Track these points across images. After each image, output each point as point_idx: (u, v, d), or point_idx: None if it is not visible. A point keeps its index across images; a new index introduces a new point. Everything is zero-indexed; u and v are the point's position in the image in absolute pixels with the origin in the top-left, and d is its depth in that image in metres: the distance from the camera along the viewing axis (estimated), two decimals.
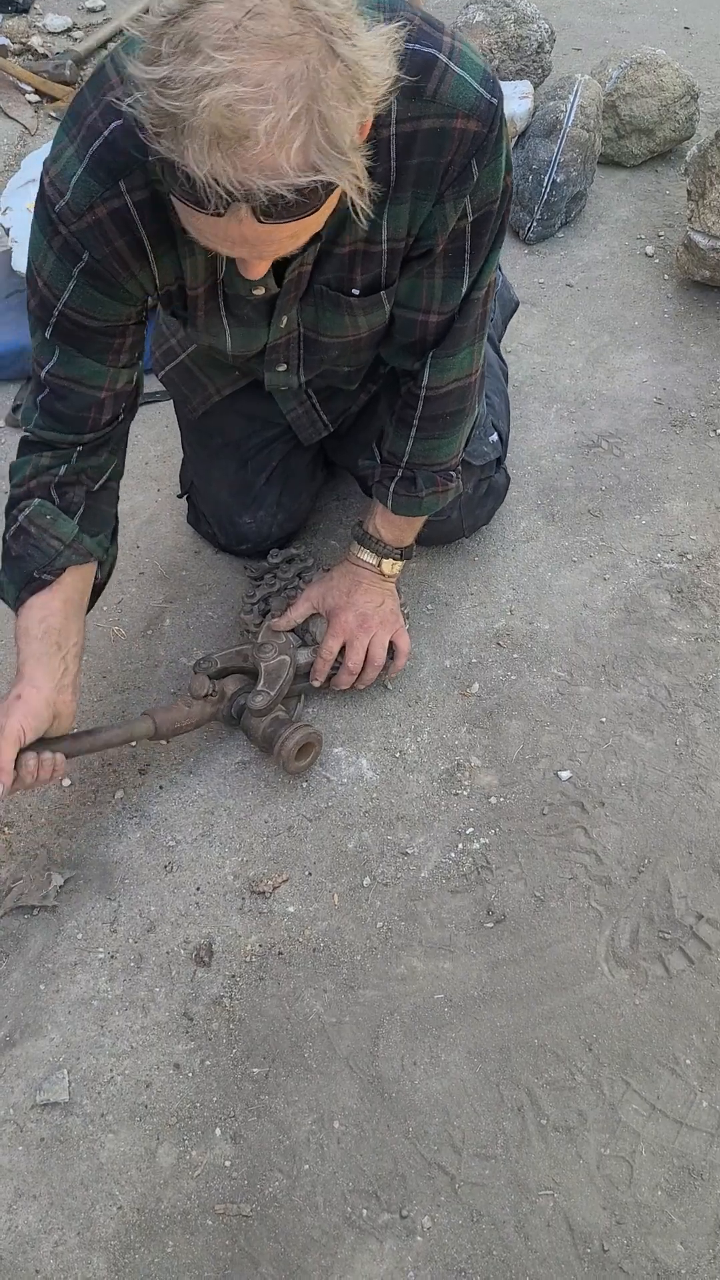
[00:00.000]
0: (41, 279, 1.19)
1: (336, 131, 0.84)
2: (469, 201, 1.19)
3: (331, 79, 0.82)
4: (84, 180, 1.09)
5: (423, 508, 1.56)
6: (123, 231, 1.13)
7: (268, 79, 0.80)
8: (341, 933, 1.44)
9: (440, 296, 1.31)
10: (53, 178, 1.11)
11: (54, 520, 1.33)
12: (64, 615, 1.35)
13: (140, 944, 1.43)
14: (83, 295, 1.18)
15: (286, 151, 0.83)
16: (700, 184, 2.22)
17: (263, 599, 1.72)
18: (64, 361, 1.25)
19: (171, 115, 0.82)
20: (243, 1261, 1.20)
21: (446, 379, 1.41)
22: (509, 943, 1.43)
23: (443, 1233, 1.21)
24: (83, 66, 3.04)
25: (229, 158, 0.82)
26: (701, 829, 1.52)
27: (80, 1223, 1.23)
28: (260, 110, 0.80)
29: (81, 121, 1.09)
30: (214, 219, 0.91)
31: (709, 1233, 1.21)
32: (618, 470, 2.01)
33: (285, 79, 0.80)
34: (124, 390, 1.32)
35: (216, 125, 0.80)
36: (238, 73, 0.79)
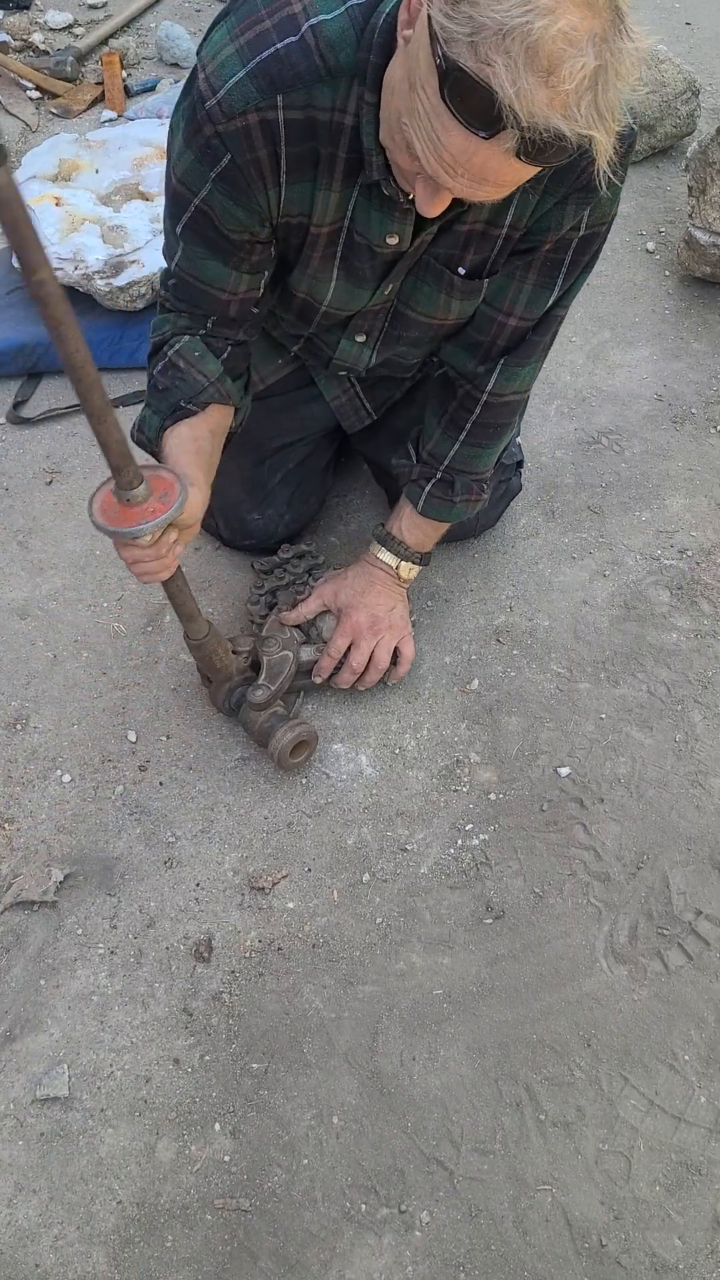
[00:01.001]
0: (177, 174, 1.19)
1: (612, 98, 0.88)
2: (586, 214, 1.22)
3: (620, 50, 0.86)
4: (243, 83, 1.08)
5: (454, 513, 1.57)
6: (267, 141, 1.12)
7: (579, 28, 0.83)
8: (341, 928, 1.44)
9: (526, 302, 1.33)
10: (209, 73, 1.10)
11: (201, 357, 1.34)
12: (211, 441, 1.36)
13: (140, 939, 1.43)
14: (216, 199, 1.18)
15: (580, 100, 0.86)
16: (701, 180, 2.21)
17: (270, 592, 1.73)
18: (190, 259, 1.26)
19: (482, 25, 0.84)
20: (242, 1256, 1.20)
21: (510, 388, 1.44)
22: (508, 939, 1.43)
23: (441, 1227, 1.22)
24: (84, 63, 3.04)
25: (539, 85, 0.84)
26: (700, 825, 1.53)
27: (80, 1217, 1.23)
28: (572, 52, 0.83)
29: (250, 25, 1.08)
30: (474, 140, 0.92)
31: (707, 1228, 1.21)
32: (618, 467, 2.01)
33: (591, 34, 0.84)
34: (248, 295, 1.31)
35: (536, 49, 0.83)
36: (562, 11, 0.82)
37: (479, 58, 0.85)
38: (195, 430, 1.34)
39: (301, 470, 1.76)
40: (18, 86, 2.96)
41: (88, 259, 2.06)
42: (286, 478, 1.75)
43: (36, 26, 3.19)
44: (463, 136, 0.92)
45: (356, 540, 1.88)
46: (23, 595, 1.81)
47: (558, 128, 0.86)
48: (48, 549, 1.87)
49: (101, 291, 2.08)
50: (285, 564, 1.75)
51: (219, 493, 1.78)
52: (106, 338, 2.12)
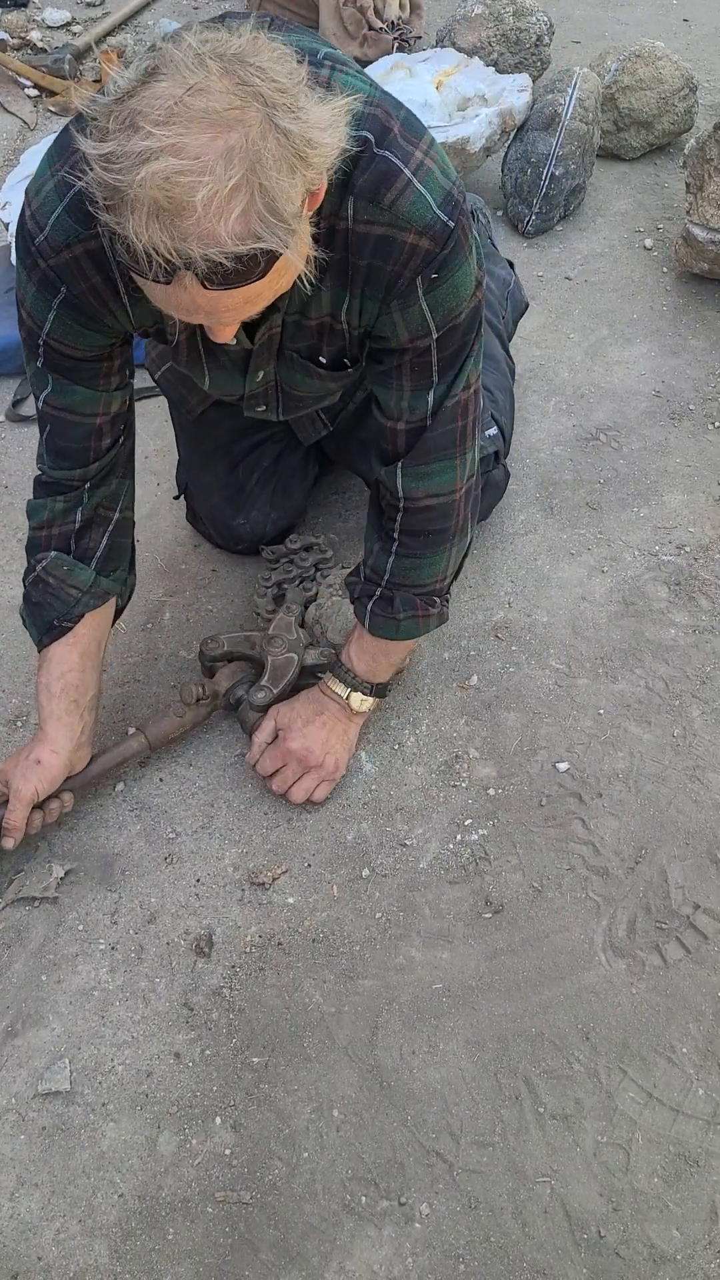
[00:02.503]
0: (25, 309, 1.21)
1: (278, 200, 0.87)
2: (429, 316, 1.18)
3: (271, 149, 0.86)
4: (63, 218, 1.10)
5: (400, 631, 1.47)
6: (98, 270, 1.14)
7: (206, 151, 0.84)
8: (340, 923, 1.45)
9: (409, 406, 1.29)
10: (33, 211, 1.13)
11: (70, 570, 1.39)
12: (81, 670, 1.42)
13: (141, 935, 1.44)
14: (63, 326, 1.19)
15: (225, 221, 0.85)
16: (699, 176, 2.22)
17: (278, 584, 1.73)
18: (57, 390, 1.27)
19: (115, 188, 0.86)
20: (243, 1248, 1.21)
21: (422, 490, 1.35)
22: (507, 933, 1.43)
23: (441, 1220, 1.23)
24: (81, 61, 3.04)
25: (166, 228, 0.85)
26: (699, 820, 1.53)
27: (82, 1210, 1.24)
28: (197, 181, 0.83)
29: (66, 158, 1.09)
30: (163, 287, 0.94)
31: (704, 1219, 1.22)
32: (616, 463, 2.02)
33: (224, 151, 0.84)
34: (119, 413, 1.34)
35: (154, 197, 0.84)
36: (176, 146, 0.83)
37: (119, 218, 0.88)
38: (62, 664, 1.41)
39: (278, 467, 1.76)
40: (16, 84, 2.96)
41: None
42: (263, 478, 1.75)
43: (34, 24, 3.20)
44: (155, 286, 0.95)
45: (356, 537, 1.88)
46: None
47: (210, 257, 0.87)
48: None
49: None
50: (293, 555, 1.75)
51: (202, 502, 1.80)
52: None
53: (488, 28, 2.72)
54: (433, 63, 2.60)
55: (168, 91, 0.85)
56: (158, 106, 0.84)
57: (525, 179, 2.46)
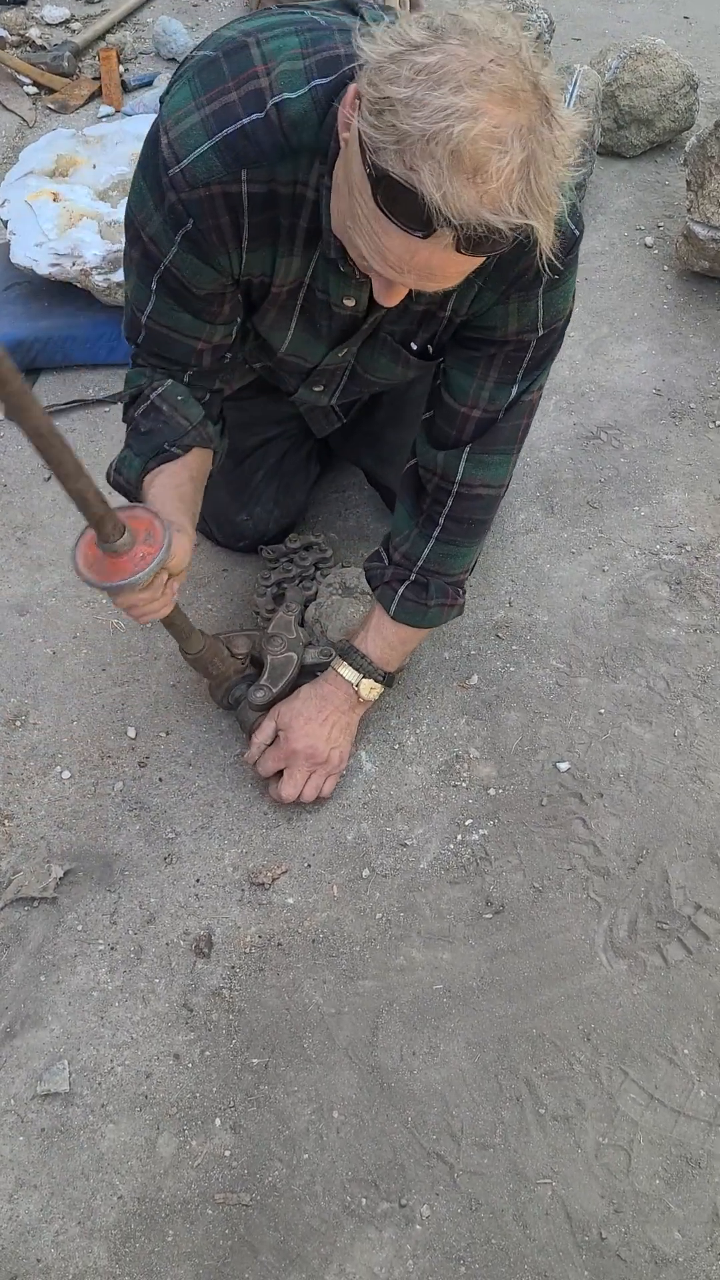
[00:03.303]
0: (147, 234, 1.19)
1: (546, 184, 0.90)
2: (540, 314, 1.24)
3: (547, 137, 0.89)
4: (207, 156, 1.09)
5: (428, 618, 1.49)
6: (229, 211, 1.14)
7: (504, 124, 0.86)
8: (341, 924, 1.44)
9: (489, 397, 1.34)
10: (172, 139, 1.11)
11: (185, 401, 1.35)
12: (193, 487, 1.37)
13: (140, 935, 1.44)
14: (184, 260, 1.19)
15: (510, 192, 0.88)
16: (700, 174, 2.21)
17: (277, 584, 1.72)
18: (163, 310, 1.27)
19: (406, 133, 0.87)
20: (242, 1250, 1.20)
21: (480, 479, 1.39)
22: (508, 933, 1.43)
23: (441, 1221, 1.22)
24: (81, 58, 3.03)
25: (465, 185, 0.87)
26: (700, 820, 1.53)
27: (81, 1212, 1.23)
28: (498, 149, 0.86)
29: (215, 96, 1.09)
30: (413, 240, 0.95)
31: (706, 1221, 1.22)
32: (617, 462, 2.01)
33: (517, 127, 0.87)
34: (222, 343, 1.33)
35: (459, 153, 0.86)
36: (483, 111, 0.86)
37: (406, 165, 0.89)
38: (177, 477, 1.34)
39: (283, 465, 1.76)
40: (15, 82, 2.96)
41: (85, 255, 2.05)
42: (269, 475, 1.75)
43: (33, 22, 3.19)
44: (401, 238, 0.96)
45: (356, 535, 1.88)
46: (22, 592, 1.81)
47: (492, 223, 0.90)
48: (46, 545, 1.87)
49: (99, 287, 2.07)
50: (293, 555, 1.75)
51: (206, 498, 1.78)
52: (104, 334, 2.12)
53: None
54: None
55: (470, 57, 0.87)
56: (465, 68, 0.86)
57: None
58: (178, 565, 1.24)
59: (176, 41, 3.01)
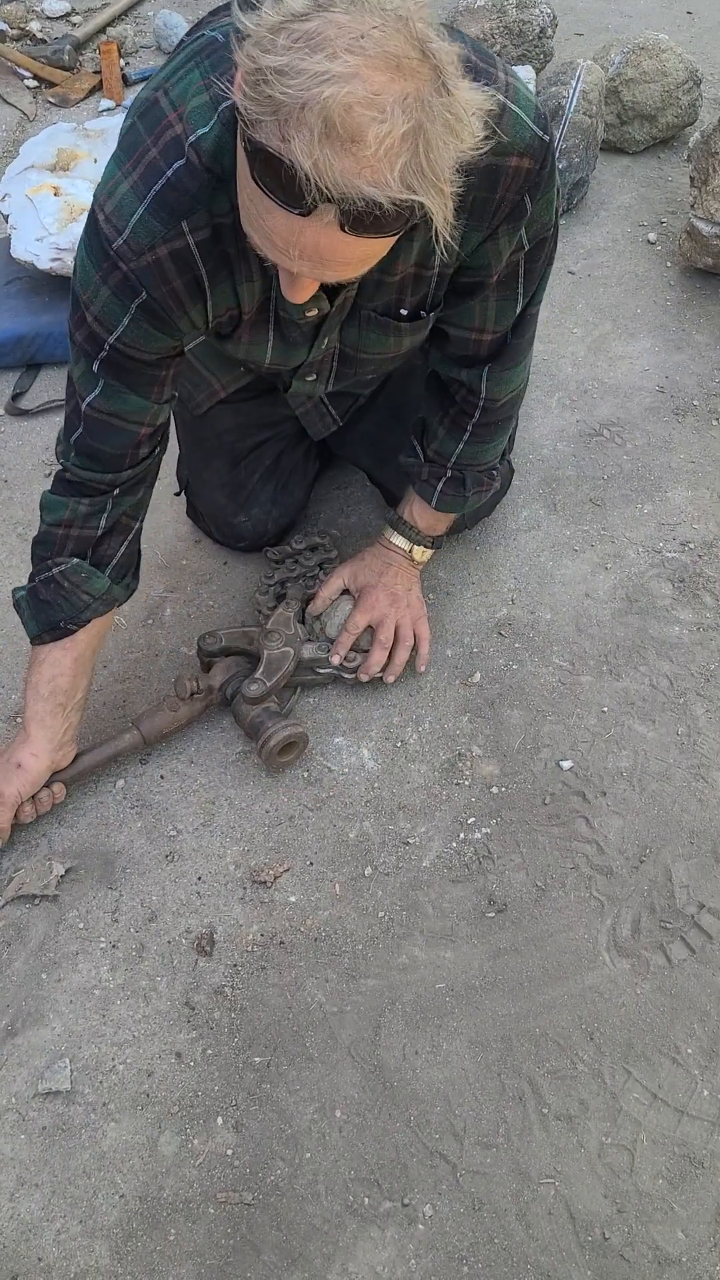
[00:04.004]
0: (92, 313, 1.18)
1: (437, 159, 0.85)
2: (524, 233, 1.22)
3: (440, 110, 0.84)
4: (145, 220, 1.09)
5: (467, 505, 1.61)
6: (182, 271, 1.13)
7: (385, 91, 0.81)
8: (343, 922, 1.44)
9: (494, 317, 1.34)
10: (109, 214, 1.11)
11: (88, 578, 1.39)
12: (73, 674, 1.43)
13: (142, 933, 1.43)
14: (137, 330, 1.18)
15: (391, 164, 0.83)
16: (703, 170, 2.20)
17: (280, 583, 1.72)
18: (108, 396, 1.26)
19: (280, 103, 0.82)
20: (245, 1249, 1.20)
21: (503, 391, 1.45)
22: (510, 932, 1.43)
23: (444, 1221, 1.22)
24: (81, 51, 3.02)
25: (339, 153, 0.82)
26: (703, 819, 1.52)
27: (83, 1211, 1.23)
28: (375, 117, 0.81)
29: (139, 158, 1.08)
30: (295, 219, 0.90)
31: (710, 1221, 1.21)
32: (620, 459, 2.00)
33: (400, 96, 0.82)
34: (161, 425, 1.35)
35: (332, 119, 0.81)
36: (359, 76, 0.80)
37: (280, 136, 0.83)
38: (55, 667, 1.41)
39: (279, 466, 1.76)
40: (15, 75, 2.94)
41: None
42: (265, 476, 1.74)
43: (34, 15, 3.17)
44: (283, 216, 0.90)
45: (358, 533, 1.87)
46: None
47: (372, 196, 0.84)
48: None
49: None
50: (298, 555, 1.75)
51: (204, 500, 1.79)
52: None
53: (490, 19, 2.70)
54: None
55: (351, 24, 0.82)
56: (343, 34, 0.81)
57: None
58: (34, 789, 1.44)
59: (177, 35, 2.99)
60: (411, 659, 1.66)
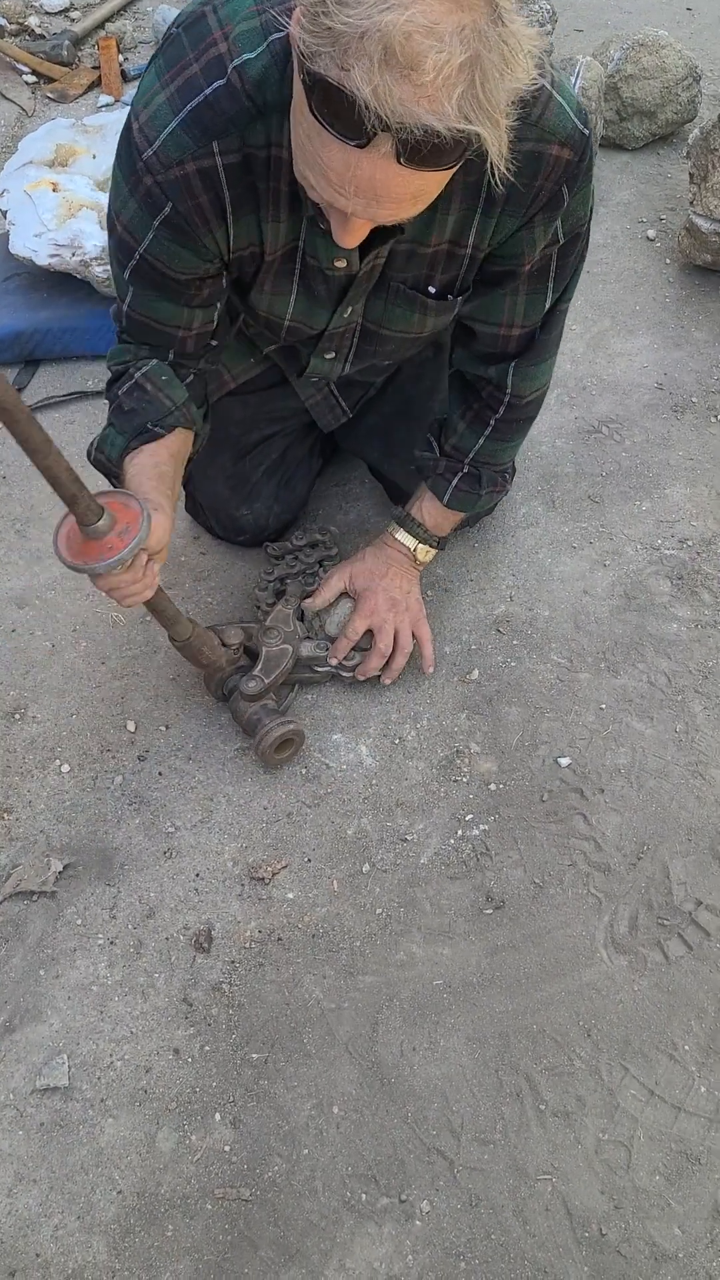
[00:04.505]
0: (121, 222, 1.19)
1: (493, 91, 0.85)
2: (560, 225, 1.22)
3: (495, 41, 0.84)
4: (177, 134, 1.08)
5: (480, 504, 1.61)
6: (207, 189, 1.12)
7: (443, 21, 0.81)
8: (341, 919, 1.44)
9: (523, 312, 1.34)
10: (142, 123, 1.10)
11: (169, 381, 1.34)
12: (173, 466, 1.35)
13: (140, 930, 1.43)
14: (161, 245, 1.18)
15: (450, 92, 0.83)
16: (702, 167, 2.20)
17: (279, 579, 1.72)
18: (142, 301, 1.26)
19: (340, 33, 0.82)
20: (242, 1245, 1.20)
21: (530, 388, 1.45)
22: (508, 929, 1.43)
23: (441, 1217, 1.22)
24: (80, 47, 3.02)
25: (399, 80, 0.82)
26: (701, 816, 1.52)
27: (80, 1206, 1.23)
28: (433, 45, 0.81)
29: (179, 71, 1.07)
30: (352, 152, 0.89)
31: (706, 1217, 1.22)
32: (618, 456, 2.00)
33: (458, 27, 0.82)
34: (203, 329, 1.32)
35: (391, 47, 0.80)
36: (418, 5, 0.80)
37: (339, 66, 0.83)
38: (157, 456, 1.32)
39: (284, 461, 1.75)
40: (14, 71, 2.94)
41: (85, 245, 2.04)
42: (269, 470, 1.74)
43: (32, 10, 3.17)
44: (339, 150, 0.90)
45: (357, 529, 1.87)
46: (21, 584, 1.80)
47: (430, 125, 0.84)
48: (46, 538, 1.86)
49: (99, 278, 2.06)
50: (298, 551, 1.74)
51: (206, 492, 1.79)
52: (104, 325, 2.11)
53: None
54: None
55: None
56: None
57: None
58: (156, 545, 1.23)
59: None
60: (417, 662, 1.66)
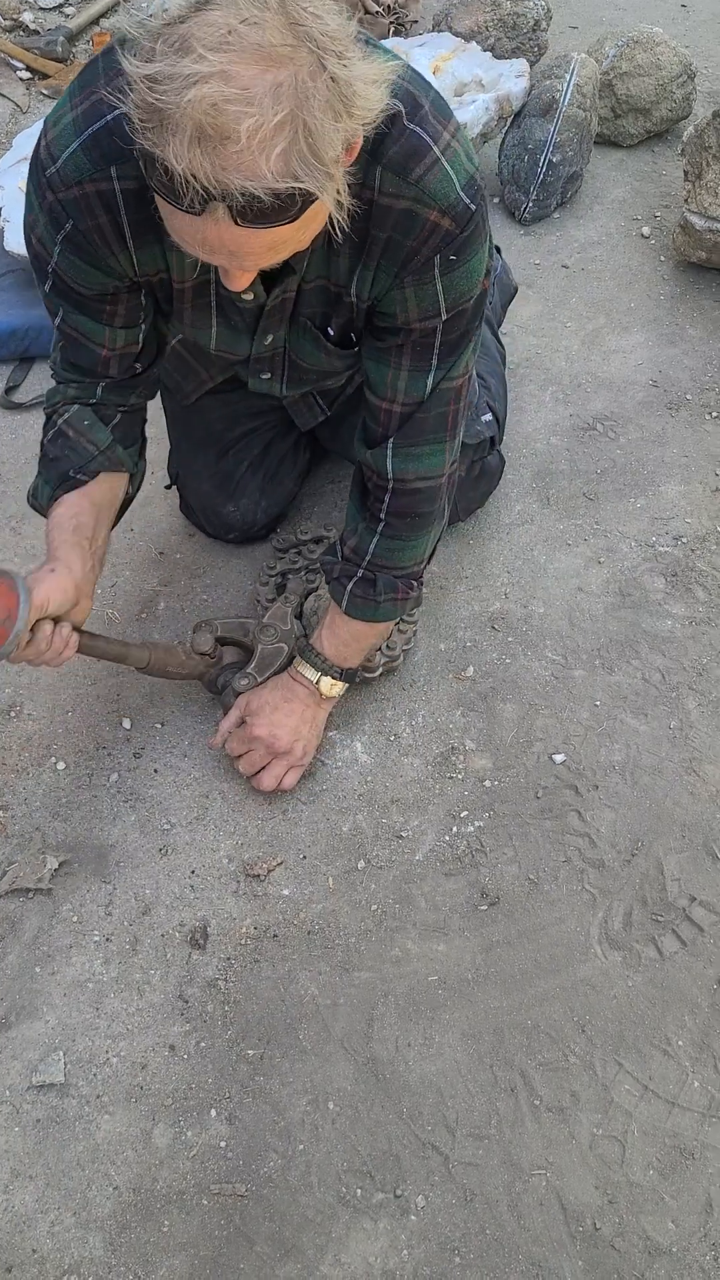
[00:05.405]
0: (35, 236, 1.20)
1: (320, 143, 0.86)
2: (441, 297, 1.19)
3: (319, 92, 0.85)
4: (77, 155, 1.09)
5: (379, 613, 1.47)
6: (105, 210, 1.13)
7: (255, 84, 0.82)
8: (336, 915, 1.44)
9: (405, 387, 1.29)
10: (49, 140, 1.11)
11: (91, 426, 1.34)
12: (94, 516, 1.35)
13: (135, 927, 1.44)
14: (67, 261, 1.19)
15: (267, 155, 0.84)
16: (697, 164, 2.20)
17: (281, 574, 1.72)
18: (66, 314, 1.27)
19: (158, 110, 0.84)
20: (238, 1240, 1.21)
21: (412, 472, 1.35)
22: (503, 925, 1.43)
23: (436, 1212, 1.23)
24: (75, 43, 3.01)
25: (209, 155, 0.84)
26: (695, 812, 1.53)
27: (77, 1203, 1.23)
28: (244, 112, 0.82)
29: (88, 95, 1.08)
30: (192, 218, 0.91)
31: (700, 1211, 1.22)
32: (613, 453, 2.01)
33: (272, 86, 0.83)
34: (126, 350, 1.31)
35: (200, 121, 0.82)
36: (226, 74, 0.82)
37: (161, 142, 0.85)
38: (76, 507, 1.34)
39: (267, 456, 1.75)
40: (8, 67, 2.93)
41: None
42: (254, 466, 1.74)
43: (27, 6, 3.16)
44: (183, 218, 0.92)
45: None
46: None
47: (249, 189, 0.85)
48: (41, 535, 1.86)
49: None
50: (302, 546, 1.74)
51: (193, 490, 1.79)
52: None
53: (485, 12, 2.70)
54: (429, 47, 2.57)
55: (221, 20, 0.83)
56: (210, 33, 0.83)
57: (522, 166, 2.44)
58: (58, 609, 1.25)
59: None
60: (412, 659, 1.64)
